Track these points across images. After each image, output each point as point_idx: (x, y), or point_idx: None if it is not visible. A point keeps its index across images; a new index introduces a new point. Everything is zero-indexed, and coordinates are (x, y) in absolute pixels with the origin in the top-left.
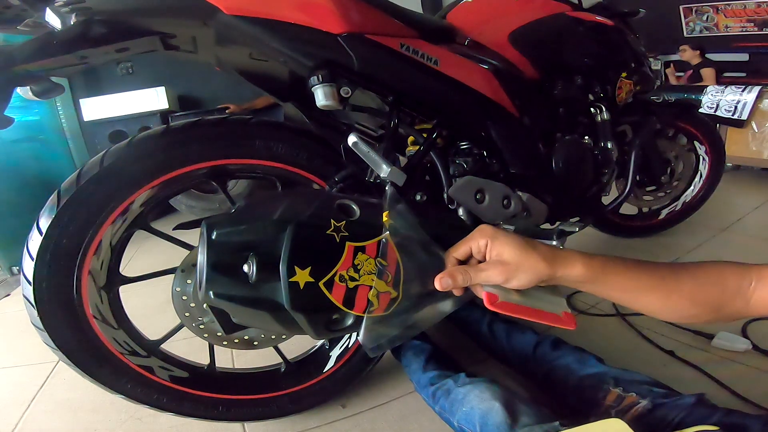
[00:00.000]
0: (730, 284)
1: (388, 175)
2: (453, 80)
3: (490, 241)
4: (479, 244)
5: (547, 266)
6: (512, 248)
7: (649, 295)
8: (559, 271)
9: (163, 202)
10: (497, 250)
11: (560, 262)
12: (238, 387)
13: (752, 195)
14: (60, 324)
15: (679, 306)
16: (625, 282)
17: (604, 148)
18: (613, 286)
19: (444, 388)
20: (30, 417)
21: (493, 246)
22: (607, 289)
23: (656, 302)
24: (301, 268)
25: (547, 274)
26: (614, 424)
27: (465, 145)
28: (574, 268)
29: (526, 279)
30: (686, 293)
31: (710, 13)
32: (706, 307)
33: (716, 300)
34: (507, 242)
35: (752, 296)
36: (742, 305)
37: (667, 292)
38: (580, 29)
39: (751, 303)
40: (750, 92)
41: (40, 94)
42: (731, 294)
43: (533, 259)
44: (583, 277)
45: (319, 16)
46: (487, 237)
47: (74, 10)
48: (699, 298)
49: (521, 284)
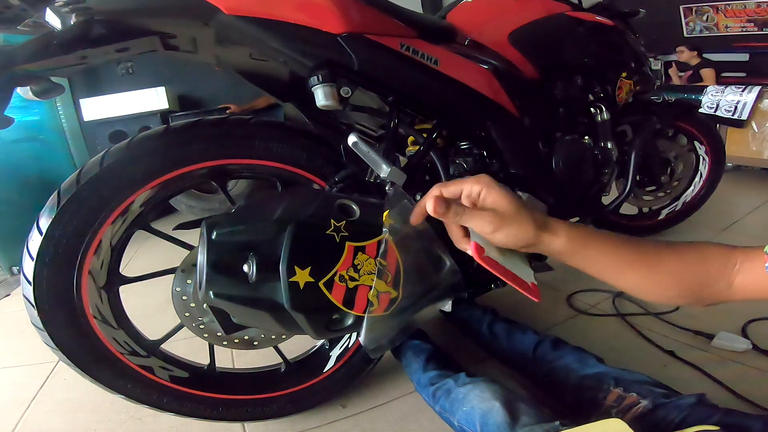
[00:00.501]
0: (715, 265)
1: (388, 175)
2: (453, 80)
3: (486, 189)
4: (472, 189)
5: (535, 229)
6: (508, 201)
7: (630, 271)
8: (545, 238)
9: (163, 202)
10: (493, 199)
11: (547, 229)
12: (238, 387)
13: (752, 195)
14: (60, 324)
15: (662, 284)
16: (605, 257)
17: (604, 148)
18: (593, 260)
19: (444, 388)
20: (30, 417)
21: (488, 194)
22: (588, 264)
23: (637, 279)
24: (301, 268)
25: (534, 236)
26: (614, 424)
27: (465, 145)
28: (557, 239)
29: (514, 235)
30: (669, 271)
31: (710, 13)
32: (689, 287)
33: (699, 280)
34: (504, 194)
35: (734, 279)
36: (724, 288)
37: (649, 269)
38: (580, 29)
39: (733, 287)
40: (750, 92)
41: (40, 94)
42: (715, 275)
43: (525, 217)
44: (564, 249)
45: (319, 16)
46: (484, 185)
47: (74, 10)
48: (682, 277)
49: (507, 240)
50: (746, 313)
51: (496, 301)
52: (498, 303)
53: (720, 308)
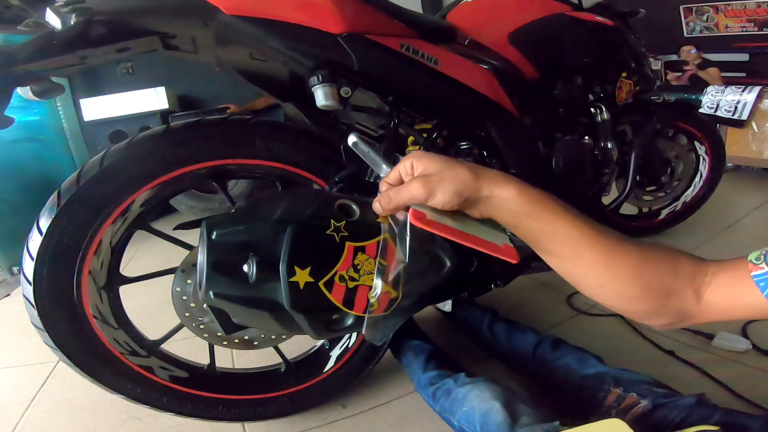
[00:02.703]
0: (683, 269)
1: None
2: (453, 80)
3: (414, 159)
4: (405, 165)
5: (473, 176)
6: (436, 161)
7: (588, 253)
8: (486, 186)
9: (163, 202)
10: (422, 166)
11: (489, 177)
12: (238, 387)
13: (752, 195)
14: (60, 324)
15: (621, 276)
16: (563, 227)
17: (604, 148)
18: (548, 227)
19: (444, 388)
20: (30, 417)
21: (418, 164)
22: (541, 231)
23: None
24: (301, 268)
25: (472, 185)
26: (614, 424)
27: (465, 145)
28: (506, 189)
29: (450, 189)
30: (631, 263)
31: (710, 13)
32: (652, 288)
33: (665, 283)
34: (432, 156)
35: (705, 292)
36: (692, 299)
37: (609, 255)
38: (580, 29)
39: (704, 301)
40: (750, 92)
41: (40, 94)
42: (683, 281)
43: (457, 168)
44: (515, 204)
45: (319, 16)
46: (413, 156)
47: (74, 10)
48: (644, 273)
49: (446, 196)
50: None
51: (496, 301)
52: (498, 303)
53: None
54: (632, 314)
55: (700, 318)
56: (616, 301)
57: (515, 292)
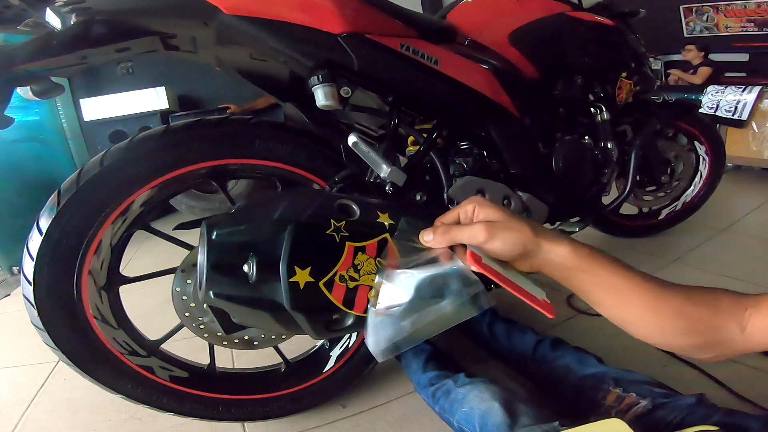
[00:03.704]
0: (724, 305)
1: (388, 175)
2: (453, 80)
3: (477, 205)
4: (467, 209)
5: (533, 233)
6: (500, 210)
7: (635, 300)
8: (545, 244)
9: (163, 202)
10: (485, 212)
11: (547, 235)
12: (238, 387)
13: (752, 195)
14: (60, 324)
15: (668, 318)
16: (612, 277)
17: (604, 148)
18: (597, 280)
19: (444, 388)
20: (30, 417)
21: (480, 209)
22: (592, 284)
23: (642, 310)
24: (301, 268)
25: (532, 240)
26: (614, 424)
27: (465, 145)
28: (561, 247)
29: (511, 240)
30: (676, 305)
31: (710, 13)
32: (697, 327)
33: (709, 320)
34: (495, 206)
35: (748, 323)
36: (736, 331)
37: (655, 300)
38: (580, 29)
39: (748, 332)
40: (750, 92)
41: (40, 94)
42: (725, 316)
43: (520, 222)
44: (569, 260)
45: (319, 16)
46: (475, 202)
47: (74, 10)
48: (690, 314)
49: (505, 245)
50: None
51: (496, 301)
52: (498, 303)
53: None
54: (679, 350)
55: (745, 349)
56: (663, 341)
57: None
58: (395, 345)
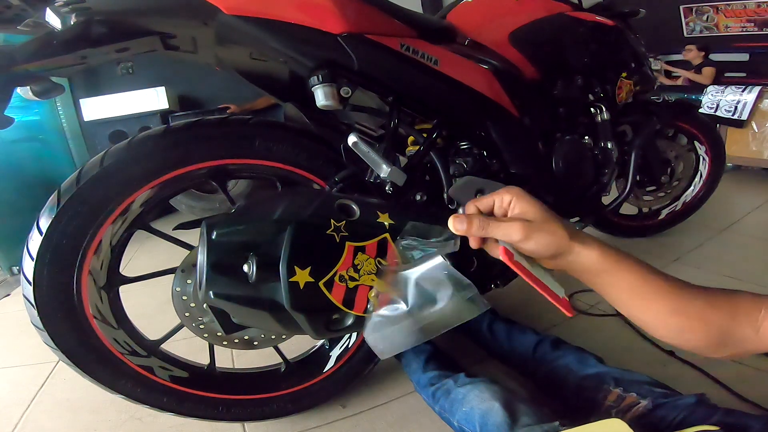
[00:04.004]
0: (743, 308)
1: (388, 175)
2: (453, 80)
3: (515, 198)
4: (503, 198)
5: (567, 235)
6: (537, 208)
7: (657, 302)
8: (576, 246)
9: (163, 202)
10: (521, 207)
11: (579, 238)
12: (238, 387)
13: (752, 195)
14: (60, 324)
15: (687, 320)
16: (636, 281)
17: (604, 148)
18: (622, 283)
19: (444, 388)
20: (30, 417)
21: (517, 203)
22: (616, 286)
23: (663, 312)
24: (301, 268)
25: (566, 243)
26: (614, 424)
27: (465, 145)
28: (591, 250)
29: (545, 242)
30: (697, 309)
31: (710, 13)
32: (714, 331)
33: (725, 323)
34: (533, 202)
35: (762, 324)
36: (751, 334)
37: (676, 303)
38: (580, 29)
39: (761, 332)
40: (750, 92)
41: (40, 94)
42: (742, 319)
43: (555, 224)
44: (597, 263)
45: (319, 16)
46: (513, 194)
47: (74, 10)
48: (709, 318)
49: (538, 247)
50: None
51: (496, 301)
52: (498, 303)
53: None
54: (694, 349)
55: (758, 350)
56: (680, 341)
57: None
58: (396, 345)
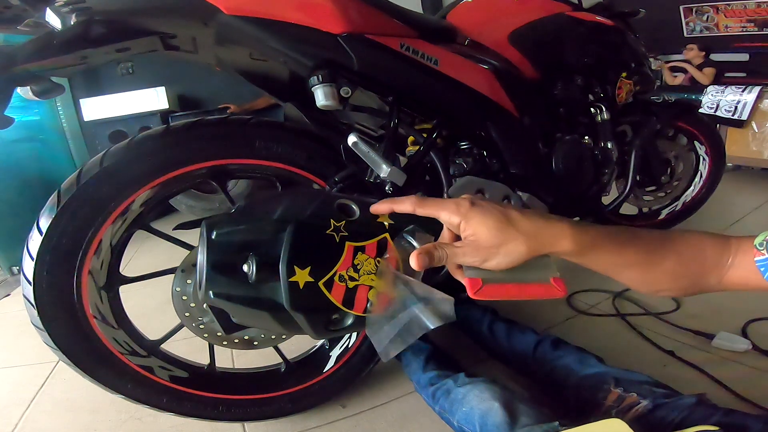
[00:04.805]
0: (710, 260)
1: (388, 175)
2: (453, 80)
3: (463, 221)
4: (451, 220)
5: (528, 249)
6: (488, 230)
7: (631, 270)
8: (546, 249)
9: (163, 202)
10: (471, 230)
11: (545, 240)
12: (238, 387)
13: (752, 195)
14: (60, 324)
15: (657, 281)
16: (611, 258)
17: (604, 148)
18: (598, 261)
19: (444, 388)
20: (30, 417)
21: (467, 226)
22: (592, 264)
23: (636, 276)
24: (301, 268)
25: (527, 256)
26: (614, 425)
27: (465, 145)
28: (560, 245)
29: (505, 262)
30: (668, 269)
31: (710, 13)
32: (682, 285)
33: (694, 274)
34: (482, 222)
35: (726, 273)
36: (714, 283)
37: (649, 267)
38: (580, 29)
39: (723, 280)
40: (750, 92)
41: (40, 94)
42: (709, 268)
43: (512, 243)
44: (570, 253)
45: (319, 16)
46: (461, 216)
47: (74, 10)
48: (678, 276)
49: (500, 264)
50: (746, 313)
51: (496, 301)
52: (498, 303)
53: (720, 308)
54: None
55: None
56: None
57: None
58: (396, 344)
